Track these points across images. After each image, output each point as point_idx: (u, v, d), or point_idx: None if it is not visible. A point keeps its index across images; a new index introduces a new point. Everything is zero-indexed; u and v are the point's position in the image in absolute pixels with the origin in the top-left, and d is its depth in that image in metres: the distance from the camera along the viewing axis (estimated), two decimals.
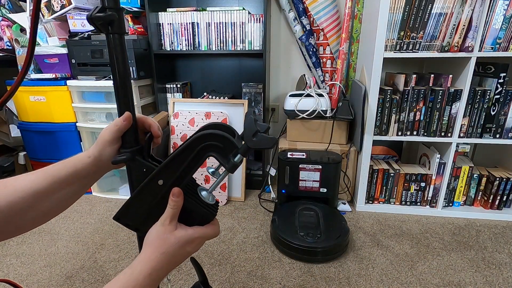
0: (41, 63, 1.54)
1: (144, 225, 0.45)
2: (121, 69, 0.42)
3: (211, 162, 1.47)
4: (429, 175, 1.38)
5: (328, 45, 1.55)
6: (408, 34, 1.20)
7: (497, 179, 1.34)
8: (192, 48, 1.60)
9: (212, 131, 0.43)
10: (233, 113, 1.54)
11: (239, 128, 0.46)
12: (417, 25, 1.19)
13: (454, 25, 1.15)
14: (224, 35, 1.55)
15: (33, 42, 0.42)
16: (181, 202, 0.43)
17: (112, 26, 0.40)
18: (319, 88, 1.63)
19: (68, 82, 1.49)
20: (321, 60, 1.62)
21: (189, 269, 1.04)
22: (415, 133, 1.33)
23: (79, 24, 1.49)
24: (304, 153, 1.37)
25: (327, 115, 1.43)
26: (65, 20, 1.50)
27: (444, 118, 1.28)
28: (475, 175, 1.37)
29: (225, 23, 1.53)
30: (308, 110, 1.43)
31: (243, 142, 0.42)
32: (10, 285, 0.60)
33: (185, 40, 1.59)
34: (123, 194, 1.59)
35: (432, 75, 1.27)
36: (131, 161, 0.44)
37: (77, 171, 0.43)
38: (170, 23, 1.57)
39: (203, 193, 0.45)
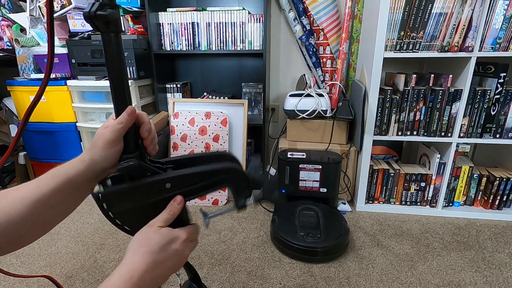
0: (41, 63, 1.54)
1: (127, 218, 0.44)
2: (118, 69, 0.40)
3: None
4: (429, 175, 1.37)
5: (328, 45, 1.55)
6: (408, 34, 1.20)
7: (497, 179, 1.34)
8: (192, 48, 1.60)
9: (238, 168, 0.47)
10: (233, 113, 1.54)
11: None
12: (417, 25, 1.19)
13: (454, 25, 1.15)
14: (224, 35, 1.55)
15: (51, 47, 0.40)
16: (179, 210, 0.43)
17: (111, 24, 0.38)
18: (319, 88, 1.63)
19: (68, 82, 1.49)
20: (321, 60, 1.62)
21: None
22: (415, 133, 1.33)
23: (79, 24, 1.49)
24: (304, 153, 1.37)
25: (327, 115, 1.43)
26: (65, 20, 1.50)
27: (444, 118, 1.28)
28: (475, 175, 1.37)
29: (225, 23, 1.53)
30: (308, 110, 1.43)
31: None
32: (51, 281, 0.60)
33: (185, 40, 1.59)
34: None
35: (432, 75, 1.27)
36: (137, 166, 0.42)
37: (69, 179, 0.40)
38: (170, 23, 1.57)
39: (203, 216, 0.50)
